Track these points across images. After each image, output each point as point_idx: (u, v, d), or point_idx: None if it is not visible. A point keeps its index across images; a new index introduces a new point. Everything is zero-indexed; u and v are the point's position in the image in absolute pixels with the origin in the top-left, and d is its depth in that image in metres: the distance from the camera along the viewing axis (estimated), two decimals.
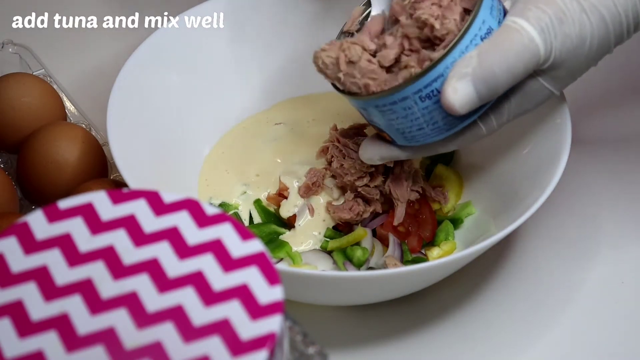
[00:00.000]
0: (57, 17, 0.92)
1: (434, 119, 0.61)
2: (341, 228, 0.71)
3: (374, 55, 0.62)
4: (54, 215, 0.46)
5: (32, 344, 0.41)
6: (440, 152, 0.65)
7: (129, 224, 0.46)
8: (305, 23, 0.80)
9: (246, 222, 0.72)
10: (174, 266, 0.44)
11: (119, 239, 0.45)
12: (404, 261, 0.69)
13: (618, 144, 0.79)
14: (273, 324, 0.42)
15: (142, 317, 0.42)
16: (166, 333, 0.41)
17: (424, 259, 0.70)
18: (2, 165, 0.75)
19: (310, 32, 0.80)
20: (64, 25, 0.91)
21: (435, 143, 0.63)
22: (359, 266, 0.69)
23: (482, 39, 0.59)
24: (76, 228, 0.45)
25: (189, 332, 0.41)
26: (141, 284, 0.43)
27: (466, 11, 0.61)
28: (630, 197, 0.75)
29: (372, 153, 0.66)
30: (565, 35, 0.59)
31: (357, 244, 0.70)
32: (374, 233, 0.71)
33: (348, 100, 0.63)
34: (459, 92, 0.58)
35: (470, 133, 0.63)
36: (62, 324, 0.41)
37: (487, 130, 0.63)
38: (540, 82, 0.61)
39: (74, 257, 0.44)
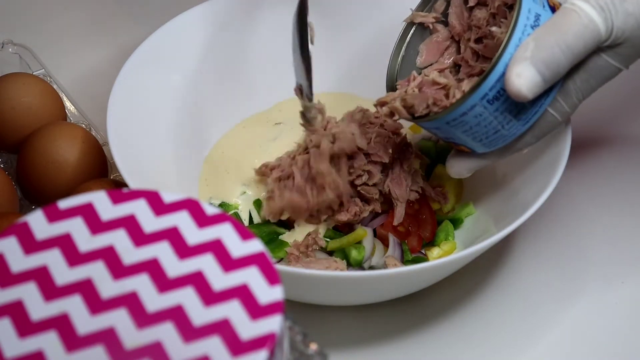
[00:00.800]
0: (57, 17, 0.92)
1: (507, 118, 0.61)
2: (341, 228, 0.71)
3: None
4: (54, 215, 0.46)
5: (32, 344, 0.41)
6: (522, 150, 0.65)
7: (129, 224, 0.46)
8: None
9: (246, 222, 0.72)
10: (174, 266, 0.44)
11: (119, 239, 0.45)
12: (404, 261, 0.69)
13: (618, 144, 0.79)
14: (273, 324, 0.42)
15: (142, 317, 0.42)
16: (166, 333, 0.41)
17: (424, 259, 0.70)
18: (2, 165, 0.75)
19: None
20: (64, 25, 0.91)
21: (514, 141, 0.63)
22: (356, 265, 0.69)
23: (532, 28, 0.59)
24: (76, 228, 0.45)
25: (189, 332, 0.41)
26: (141, 284, 0.43)
27: (505, 5, 0.61)
28: (630, 196, 0.75)
29: (460, 168, 0.66)
30: (627, 13, 0.58)
31: (358, 243, 0.70)
32: (375, 233, 0.71)
33: (417, 124, 0.64)
34: (523, 76, 0.58)
35: (545, 123, 0.63)
36: (62, 324, 0.41)
37: (561, 117, 0.63)
38: (604, 59, 0.61)
39: (74, 257, 0.44)
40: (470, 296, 0.69)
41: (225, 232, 0.45)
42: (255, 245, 0.45)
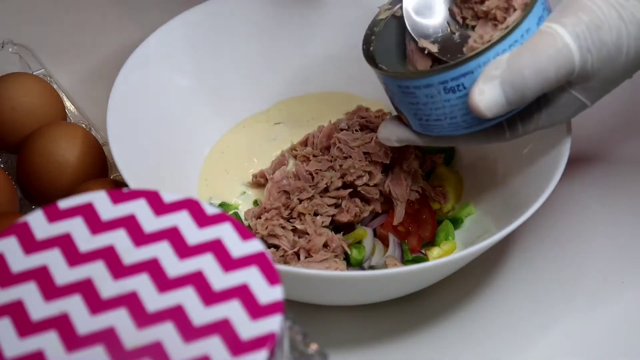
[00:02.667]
0: (57, 17, 0.92)
1: (453, 114, 0.60)
2: (341, 228, 0.71)
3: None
4: (54, 215, 0.46)
5: (32, 343, 0.41)
6: (458, 145, 0.63)
7: (129, 223, 0.46)
8: (305, 23, 0.80)
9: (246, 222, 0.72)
10: (174, 266, 0.44)
11: (119, 239, 0.45)
12: (404, 261, 0.69)
13: (618, 144, 0.79)
14: (273, 323, 0.42)
15: (142, 317, 0.42)
16: (166, 333, 0.41)
17: (424, 258, 0.70)
18: (2, 165, 0.75)
19: (310, 32, 0.80)
20: (64, 25, 0.91)
21: (456, 137, 0.62)
22: (356, 265, 0.69)
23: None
24: (76, 228, 0.45)
25: (189, 332, 0.41)
26: (141, 284, 0.43)
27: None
28: (630, 196, 0.75)
29: (390, 133, 0.64)
30: (602, 42, 0.57)
31: (358, 243, 0.70)
32: (375, 233, 0.71)
33: (375, 74, 0.63)
34: (486, 94, 0.56)
35: (494, 134, 0.62)
36: (62, 324, 0.41)
37: (510, 136, 0.62)
38: (573, 95, 0.60)
39: (74, 257, 0.44)
40: (470, 296, 0.69)
41: (225, 232, 0.45)
42: (255, 245, 0.45)
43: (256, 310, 0.42)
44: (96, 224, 0.46)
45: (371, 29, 0.65)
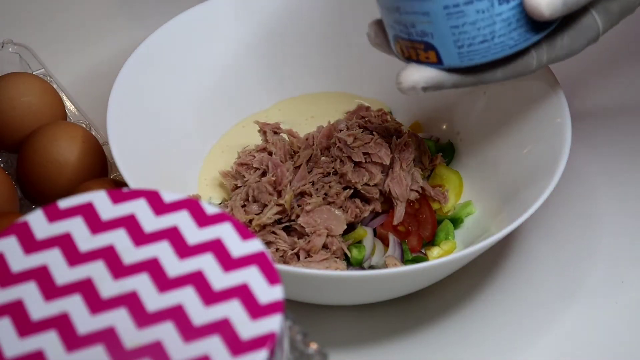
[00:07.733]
0: (57, 17, 0.92)
1: (502, 30, 0.57)
2: None
3: None
4: (54, 215, 0.46)
5: (32, 343, 0.41)
6: (487, 82, 0.61)
7: (129, 223, 0.46)
8: (305, 23, 0.80)
9: None
10: (174, 266, 0.44)
11: (119, 239, 0.45)
12: (404, 261, 0.69)
13: (618, 144, 0.79)
14: (273, 323, 0.42)
15: (142, 317, 0.42)
16: (166, 333, 0.41)
17: (424, 258, 0.70)
18: (2, 165, 0.75)
19: (309, 33, 0.80)
20: (64, 25, 0.91)
21: (484, 70, 0.60)
22: (356, 265, 0.69)
23: None
24: (76, 228, 0.45)
25: (189, 331, 0.41)
26: (141, 284, 0.43)
27: None
28: (630, 196, 0.75)
29: (418, 77, 0.60)
30: None
31: (358, 243, 0.70)
32: (375, 232, 0.71)
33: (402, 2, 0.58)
34: None
35: (521, 63, 0.60)
36: (62, 324, 0.41)
37: (537, 63, 0.60)
38: (593, 17, 0.60)
39: (74, 256, 0.44)
40: (470, 296, 0.69)
41: (225, 232, 0.45)
42: (255, 245, 0.45)
43: (256, 310, 0.42)
44: (96, 224, 0.46)
45: None
